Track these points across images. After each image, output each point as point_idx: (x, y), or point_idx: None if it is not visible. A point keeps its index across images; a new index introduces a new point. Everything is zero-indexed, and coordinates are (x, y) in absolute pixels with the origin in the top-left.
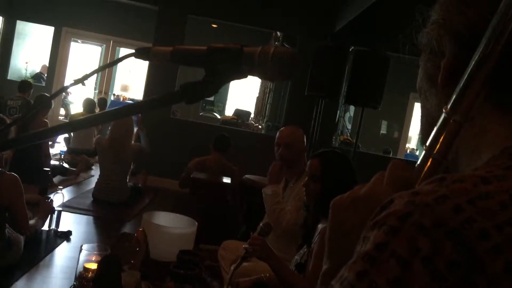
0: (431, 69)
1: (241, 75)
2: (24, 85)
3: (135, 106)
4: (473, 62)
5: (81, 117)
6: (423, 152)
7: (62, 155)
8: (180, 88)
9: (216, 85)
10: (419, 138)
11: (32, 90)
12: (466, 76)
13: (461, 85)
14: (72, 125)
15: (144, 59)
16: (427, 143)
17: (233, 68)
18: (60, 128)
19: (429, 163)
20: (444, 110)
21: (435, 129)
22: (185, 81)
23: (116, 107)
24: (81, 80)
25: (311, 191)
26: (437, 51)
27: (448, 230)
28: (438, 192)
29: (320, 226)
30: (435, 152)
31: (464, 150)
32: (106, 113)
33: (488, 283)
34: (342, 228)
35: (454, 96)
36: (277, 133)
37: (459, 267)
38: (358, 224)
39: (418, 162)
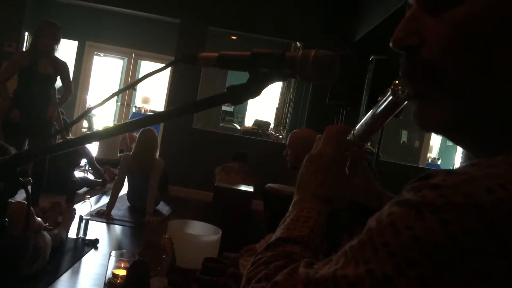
0: None
1: (283, 77)
2: None
3: (179, 109)
4: None
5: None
6: None
7: (87, 166)
8: (226, 89)
9: (260, 88)
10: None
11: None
12: None
13: None
14: (108, 132)
15: (191, 64)
16: None
17: (276, 71)
18: (93, 136)
19: None
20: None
21: None
22: (207, 91)
23: (158, 112)
24: (112, 96)
25: None
26: None
27: (477, 205)
28: (470, 174)
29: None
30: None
31: None
32: (150, 117)
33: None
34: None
35: None
36: (288, 138)
37: (477, 235)
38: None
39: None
